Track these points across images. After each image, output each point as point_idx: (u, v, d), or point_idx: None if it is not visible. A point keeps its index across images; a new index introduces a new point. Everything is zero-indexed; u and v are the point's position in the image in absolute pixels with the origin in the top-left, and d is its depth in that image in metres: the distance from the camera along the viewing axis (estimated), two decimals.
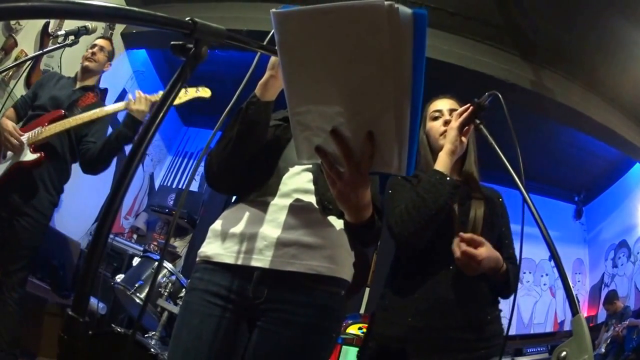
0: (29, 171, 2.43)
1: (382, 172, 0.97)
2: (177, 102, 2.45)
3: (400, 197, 1.50)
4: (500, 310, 1.55)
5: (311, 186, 1.24)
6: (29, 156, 2.43)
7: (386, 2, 0.72)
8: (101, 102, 2.73)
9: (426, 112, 1.71)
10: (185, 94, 2.45)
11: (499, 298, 1.56)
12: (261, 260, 1.15)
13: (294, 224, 1.18)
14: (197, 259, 1.27)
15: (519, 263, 1.46)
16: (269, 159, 1.28)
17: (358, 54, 0.79)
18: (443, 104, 1.68)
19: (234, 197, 1.34)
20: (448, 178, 1.43)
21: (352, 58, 0.80)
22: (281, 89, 1.20)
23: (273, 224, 1.18)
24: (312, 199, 1.22)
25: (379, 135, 0.88)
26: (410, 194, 1.47)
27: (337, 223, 1.23)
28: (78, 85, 2.68)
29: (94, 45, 2.71)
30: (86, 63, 2.68)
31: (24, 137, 2.43)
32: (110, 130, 2.74)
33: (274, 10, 0.80)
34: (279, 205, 1.21)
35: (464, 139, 1.50)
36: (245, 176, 1.27)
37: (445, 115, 1.63)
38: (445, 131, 1.57)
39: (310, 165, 1.26)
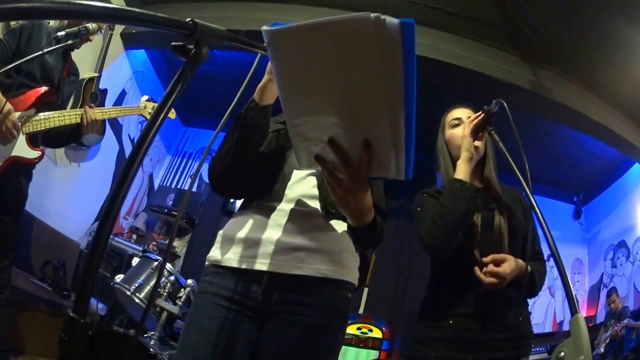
0: (24, 167, 2.27)
1: (381, 177, 1.00)
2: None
3: (428, 212, 1.57)
4: (530, 313, 1.63)
5: (315, 191, 1.27)
6: (28, 152, 2.22)
7: (373, 15, 0.74)
8: (75, 67, 2.56)
9: (444, 121, 1.76)
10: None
11: (528, 298, 1.63)
12: (270, 265, 1.18)
13: (301, 229, 1.21)
14: (207, 263, 1.30)
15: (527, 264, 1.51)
16: (274, 165, 1.31)
17: (349, 66, 0.82)
18: (461, 113, 1.72)
19: (241, 203, 1.37)
20: (467, 184, 1.50)
21: (344, 70, 0.83)
22: None
23: (281, 229, 1.21)
24: (317, 204, 1.25)
25: (375, 142, 0.91)
26: (435, 206, 1.54)
27: (342, 227, 1.26)
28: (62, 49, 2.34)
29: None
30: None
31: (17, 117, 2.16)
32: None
33: (264, 28, 0.83)
34: (286, 211, 1.24)
35: (478, 143, 1.57)
36: (250, 182, 1.29)
37: (464, 123, 1.65)
38: None
39: (315, 170, 1.28)
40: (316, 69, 0.85)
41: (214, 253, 1.28)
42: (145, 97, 2.87)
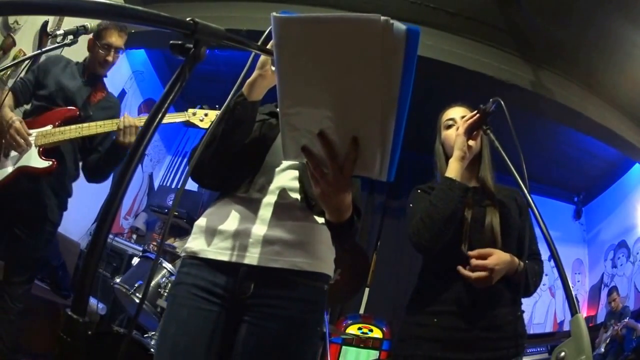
0: (38, 178, 2.25)
1: (364, 176, 1.01)
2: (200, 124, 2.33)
3: (418, 208, 1.57)
4: (523, 311, 1.59)
5: (296, 183, 1.27)
6: (38, 161, 2.22)
7: (382, 18, 0.76)
8: (112, 97, 2.60)
9: (440, 122, 1.75)
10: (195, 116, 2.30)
11: (522, 297, 1.59)
12: (247, 257, 1.18)
13: (279, 221, 1.22)
14: (183, 254, 1.29)
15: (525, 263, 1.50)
16: (256, 156, 1.30)
17: (351, 63, 0.83)
18: (455, 113, 1.72)
19: (220, 192, 1.36)
20: (457, 182, 1.49)
21: (345, 67, 0.84)
22: (268, 88, 1.25)
23: (258, 221, 1.22)
24: (296, 196, 1.26)
25: (363, 141, 0.93)
26: (424, 203, 1.54)
27: (319, 219, 1.27)
28: (86, 76, 2.48)
29: (110, 47, 2.42)
30: (101, 70, 2.48)
31: (32, 136, 2.22)
32: None
33: (274, 14, 0.83)
34: (264, 203, 1.24)
35: (472, 143, 1.56)
36: (230, 173, 1.29)
37: (458, 123, 1.65)
38: None
39: (296, 162, 1.28)
40: (318, 61, 0.86)
41: (191, 244, 1.27)
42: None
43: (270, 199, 1.24)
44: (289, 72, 0.90)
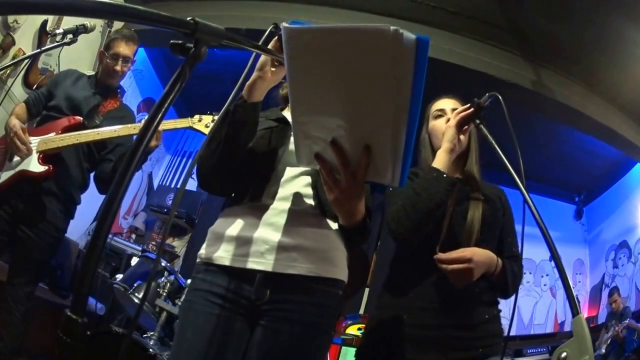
0: (37, 182, 2.27)
1: (376, 182, 1.03)
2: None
3: (398, 195, 1.51)
4: (500, 310, 1.54)
5: (309, 190, 1.28)
6: (36, 166, 2.25)
7: (392, 28, 0.77)
8: (126, 108, 2.59)
9: (428, 111, 1.72)
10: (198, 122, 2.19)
11: (499, 298, 1.55)
12: (263, 264, 1.19)
13: (294, 227, 1.22)
14: (198, 260, 1.30)
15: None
16: (267, 163, 1.30)
17: (362, 73, 0.84)
18: (445, 104, 1.68)
19: (231, 200, 1.35)
20: (444, 175, 1.44)
21: (356, 76, 0.85)
22: (268, 89, 1.26)
23: (273, 228, 1.22)
24: (310, 202, 1.26)
25: (375, 148, 0.94)
26: (407, 191, 1.48)
27: (333, 225, 1.27)
28: (98, 87, 2.49)
29: (117, 56, 2.43)
30: (111, 81, 2.48)
31: (35, 142, 2.26)
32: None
33: (285, 25, 0.85)
34: (278, 209, 1.24)
35: (462, 137, 1.52)
36: (241, 179, 1.29)
37: (448, 115, 1.63)
38: None
39: (309, 169, 1.29)
40: (329, 71, 0.87)
41: (205, 251, 1.28)
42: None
43: (284, 205, 1.24)
44: (300, 81, 0.91)
